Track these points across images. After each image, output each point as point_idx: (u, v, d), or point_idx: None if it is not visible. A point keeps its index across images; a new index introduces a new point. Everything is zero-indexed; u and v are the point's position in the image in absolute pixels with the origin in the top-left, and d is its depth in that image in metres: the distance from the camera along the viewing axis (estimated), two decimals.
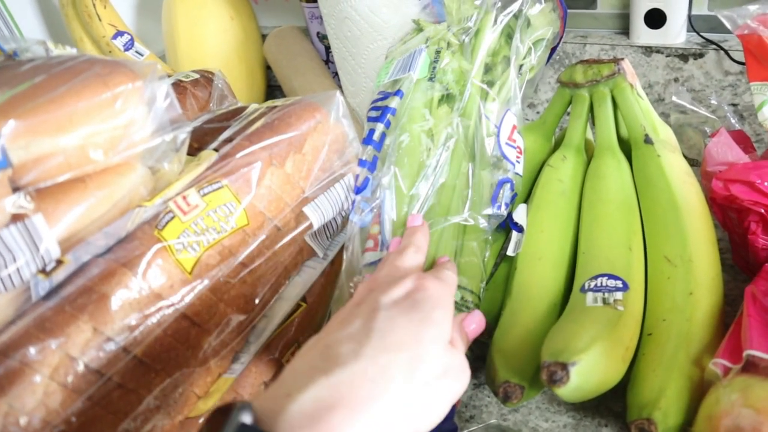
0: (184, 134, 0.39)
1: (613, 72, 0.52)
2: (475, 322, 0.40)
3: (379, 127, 0.51)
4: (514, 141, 0.52)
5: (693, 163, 0.54)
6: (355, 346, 0.32)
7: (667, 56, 0.71)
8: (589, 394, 0.39)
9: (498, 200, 0.50)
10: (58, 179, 0.35)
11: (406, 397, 0.32)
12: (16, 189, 0.34)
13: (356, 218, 0.49)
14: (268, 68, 0.94)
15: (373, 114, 0.53)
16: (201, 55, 0.83)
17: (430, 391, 0.33)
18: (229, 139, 0.44)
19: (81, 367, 0.34)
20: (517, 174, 0.52)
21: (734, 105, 0.70)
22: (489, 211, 0.49)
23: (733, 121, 0.55)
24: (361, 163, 0.50)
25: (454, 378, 0.35)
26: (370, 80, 0.69)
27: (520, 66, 0.58)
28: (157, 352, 0.38)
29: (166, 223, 0.38)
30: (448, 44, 0.56)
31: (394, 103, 0.52)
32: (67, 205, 0.35)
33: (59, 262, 0.34)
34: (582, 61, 0.55)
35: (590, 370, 0.37)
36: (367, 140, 0.51)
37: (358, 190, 0.49)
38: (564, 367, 0.36)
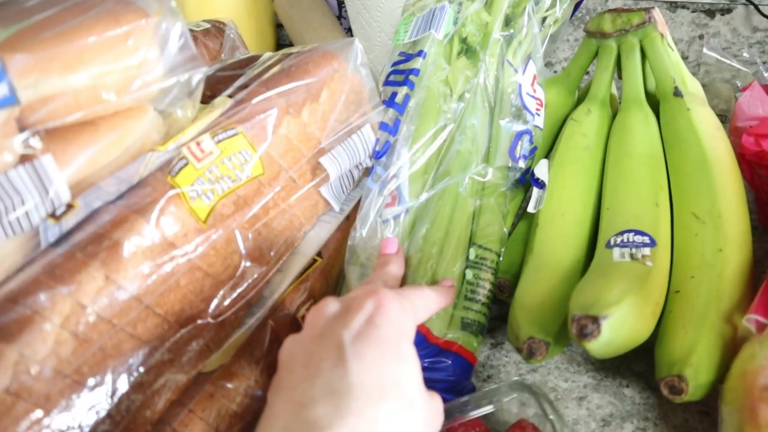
0: (199, 75, 0.37)
1: (643, 21, 0.50)
2: None
3: (403, 90, 0.49)
4: (535, 91, 0.50)
5: (722, 119, 0.52)
6: (334, 401, 0.29)
7: (692, 12, 0.69)
8: (618, 349, 0.38)
9: (516, 152, 0.48)
10: (68, 120, 0.33)
11: None
12: (23, 129, 0.32)
13: (374, 186, 0.47)
14: (278, 26, 0.91)
15: (396, 78, 0.50)
16: (209, 10, 0.81)
17: None
18: (244, 86, 0.42)
19: (93, 317, 0.33)
20: (536, 126, 0.50)
21: (763, 63, 0.67)
22: (507, 162, 0.47)
23: (766, 75, 0.53)
24: (382, 126, 0.48)
25: (436, 424, 0.32)
26: (385, 35, 0.67)
27: (544, 18, 0.56)
28: (170, 303, 0.37)
29: (180, 169, 0.37)
30: None
31: (417, 64, 0.50)
32: (77, 147, 0.33)
33: (69, 207, 0.33)
34: (610, 10, 0.52)
35: (621, 324, 0.36)
36: (388, 102, 0.49)
37: (378, 155, 0.47)
38: (595, 320, 0.35)
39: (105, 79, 0.34)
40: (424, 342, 0.42)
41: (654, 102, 0.52)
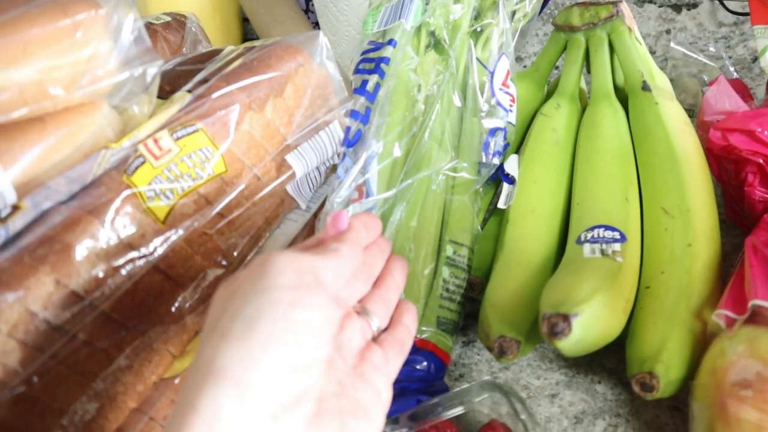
0: (154, 69, 0.35)
1: (611, 14, 0.50)
2: None
3: (374, 78, 0.48)
4: (508, 87, 0.49)
5: (689, 113, 0.52)
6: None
7: (659, 6, 0.69)
8: (589, 347, 0.37)
9: (489, 149, 0.47)
10: (12, 116, 0.31)
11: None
12: None
13: (341, 177, 0.46)
14: (245, 20, 0.89)
15: (366, 66, 0.49)
16: (173, 3, 0.78)
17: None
18: (204, 81, 0.41)
19: (42, 323, 0.31)
20: (510, 123, 0.49)
21: (728, 58, 0.68)
22: (480, 160, 0.47)
23: (731, 69, 0.53)
24: (353, 114, 0.46)
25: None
26: (353, 29, 0.65)
27: (513, 12, 0.55)
28: (127, 307, 0.35)
29: (136, 168, 0.35)
30: None
31: (387, 52, 0.49)
32: (23, 144, 0.31)
33: (15, 208, 0.31)
34: (578, 4, 0.52)
35: (592, 322, 0.35)
36: (359, 90, 0.47)
37: (349, 144, 0.46)
38: (566, 318, 0.34)
39: (53, 73, 0.32)
40: None
41: (623, 96, 0.52)
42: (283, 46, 0.44)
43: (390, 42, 0.48)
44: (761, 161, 0.46)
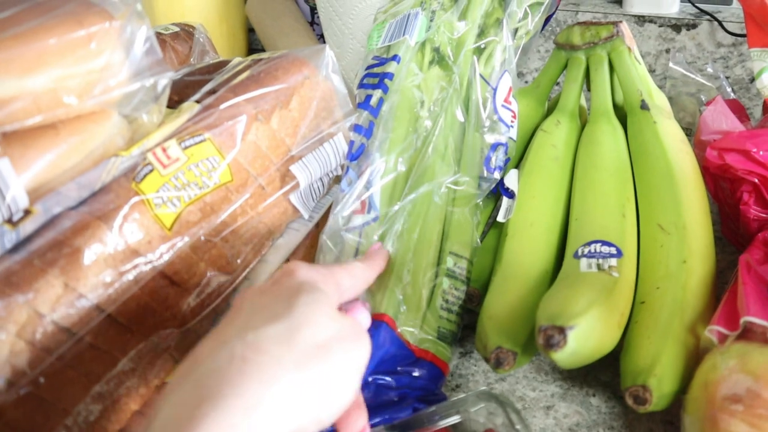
0: (165, 80, 0.36)
1: (611, 34, 0.51)
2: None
3: (377, 93, 0.49)
4: (510, 103, 0.50)
5: (687, 132, 0.53)
6: (217, 338, 0.29)
7: (659, 26, 0.70)
8: (584, 359, 0.38)
9: (491, 163, 0.48)
10: (27, 123, 0.32)
11: (292, 367, 0.27)
12: None
13: (346, 188, 0.47)
14: (250, 30, 0.91)
15: (370, 81, 0.50)
16: (180, 13, 0.80)
17: (323, 356, 0.28)
18: (212, 91, 0.42)
19: (50, 325, 0.32)
20: (511, 138, 0.50)
21: (726, 78, 0.69)
22: (482, 174, 0.48)
23: (728, 90, 0.54)
24: (357, 129, 0.47)
25: (351, 340, 0.30)
26: (357, 42, 0.67)
27: (515, 30, 0.56)
28: (132, 311, 0.36)
29: (145, 175, 0.36)
30: (442, 4, 0.54)
31: (391, 68, 0.50)
32: (36, 151, 0.32)
33: (27, 213, 0.32)
34: (579, 23, 0.53)
35: (587, 335, 0.36)
36: (363, 105, 0.48)
37: (352, 157, 0.47)
38: (561, 330, 0.35)
39: (66, 83, 0.33)
40: (403, 346, 0.42)
41: (622, 114, 0.53)
42: (289, 59, 0.45)
43: (394, 57, 0.49)
44: (756, 181, 0.47)
